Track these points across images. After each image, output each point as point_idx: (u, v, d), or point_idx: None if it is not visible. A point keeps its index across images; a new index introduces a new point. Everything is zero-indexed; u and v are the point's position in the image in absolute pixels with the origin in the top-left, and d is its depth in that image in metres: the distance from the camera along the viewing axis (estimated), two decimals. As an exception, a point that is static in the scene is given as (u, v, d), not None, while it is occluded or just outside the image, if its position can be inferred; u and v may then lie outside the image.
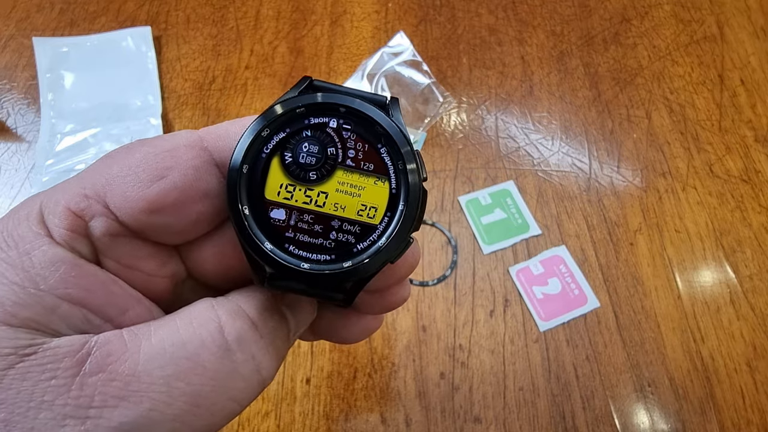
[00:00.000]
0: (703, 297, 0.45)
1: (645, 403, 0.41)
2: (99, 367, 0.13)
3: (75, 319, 0.14)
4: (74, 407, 0.13)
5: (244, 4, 0.62)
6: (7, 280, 0.14)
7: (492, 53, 0.58)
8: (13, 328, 0.13)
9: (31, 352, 0.13)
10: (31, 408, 0.13)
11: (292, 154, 0.16)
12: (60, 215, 0.15)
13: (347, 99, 0.16)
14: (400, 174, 0.16)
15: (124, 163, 0.15)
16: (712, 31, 0.60)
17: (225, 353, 0.15)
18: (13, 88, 0.56)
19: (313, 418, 0.40)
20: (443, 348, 0.42)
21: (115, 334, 0.14)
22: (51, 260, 0.14)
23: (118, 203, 0.15)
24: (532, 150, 0.52)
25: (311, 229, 0.16)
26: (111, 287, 0.15)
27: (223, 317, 0.16)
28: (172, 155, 0.15)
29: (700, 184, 0.50)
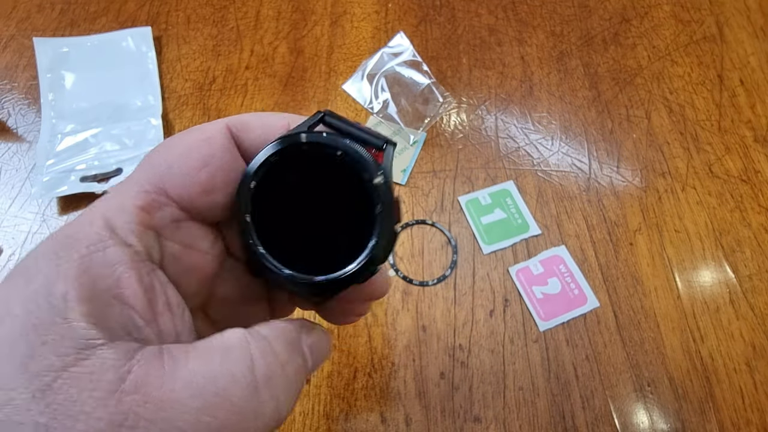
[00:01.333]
0: (703, 297, 0.45)
1: (644, 403, 0.41)
2: (136, 387, 0.14)
3: (124, 319, 0.15)
4: (108, 422, 0.13)
5: (244, 5, 0.62)
6: (71, 278, 0.15)
7: (492, 53, 0.58)
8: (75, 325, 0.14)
9: (85, 357, 0.14)
10: (70, 417, 0.13)
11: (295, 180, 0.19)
12: (131, 214, 0.16)
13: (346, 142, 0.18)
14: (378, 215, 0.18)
15: (170, 157, 0.18)
16: (711, 32, 0.60)
17: (253, 391, 0.16)
18: (13, 88, 0.56)
19: (313, 418, 0.40)
20: (443, 348, 0.42)
21: (156, 353, 0.15)
22: (110, 261, 0.15)
23: (177, 192, 0.17)
24: (532, 150, 0.53)
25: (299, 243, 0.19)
26: (151, 292, 0.16)
27: (255, 353, 0.16)
28: (210, 143, 0.18)
29: (699, 184, 0.50)
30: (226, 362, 0.16)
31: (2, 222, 0.48)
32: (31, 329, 0.14)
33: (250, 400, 0.15)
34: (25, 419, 0.13)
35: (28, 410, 0.13)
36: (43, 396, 0.13)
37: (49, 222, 0.48)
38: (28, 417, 0.13)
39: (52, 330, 0.14)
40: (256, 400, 0.16)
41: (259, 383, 0.16)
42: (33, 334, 0.14)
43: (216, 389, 0.15)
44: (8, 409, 0.13)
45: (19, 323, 0.14)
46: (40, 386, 0.13)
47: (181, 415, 0.14)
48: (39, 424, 0.13)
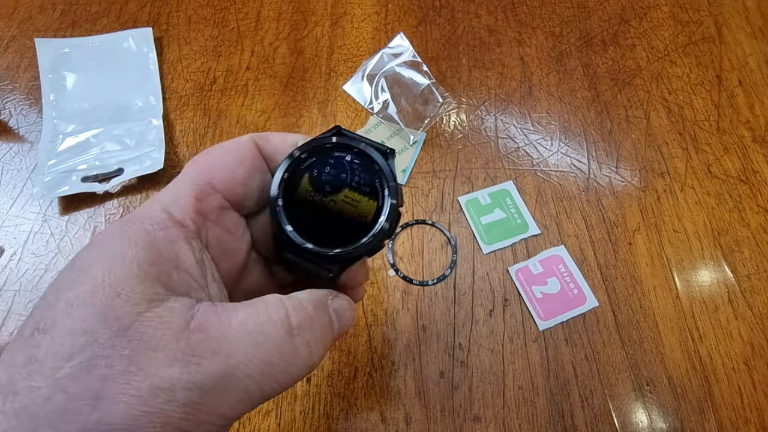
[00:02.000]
0: (702, 296, 0.45)
1: (643, 402, 0.41)
2: (200, 327, 0.18)
3: (184, 283, 0.19)
4: (182, 353, 0.17)
5: (244, 6, 0.62)
6: (140, 247, 0.18)
7: (491, 54, 0.59)
8: (146, 283, 0.17)
9: (156, 305, 0.17)
10: (150, 349, 0.16)
11: (318, 172, 0.23)
12: (186, 201, 0.20)
13: (361, 144, 0.23)
14: (385, 199, 0.23)
15: (213, 158, 0.22)
16: (710, 32, 0.61)
17: (289, 335, 0.20)
18: (15, 88, 0.56)
19: (313, 417, 0.40)
20: (443, 347, 0.43)
21: (211, 306, 0.19)
22: (171, 238, 0.19)
23: (221, 184, 0.22)
24: (532, 150, 0.53)
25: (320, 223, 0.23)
26: (203, 266, 0.20)
27: (289, 308, 0.20)
28: (243, 148, 0.23)
29: (698, 184, 0.51)
30: (267, 313, 0.19)
31: (4, 222, 0.48)
32: (108, 285, 0.17)
33: (288, 343, 0.19)
34: (110, 354, 0.16)
35: (112, 346, 0.16)
36: (125, 334, 0.16)
37: (50, 222, 0.48)
38: (113, 351, 0.16)
39: (126, 285, 0.17)
40: (291, 343, 0.19)
41: (293, 330, 0.20)
42: (109, 288, 0.17)
43: (262, 331, 0.19)
44: (94, 347, 0.16)
45: (98, 281, 0.17)
46: (120, 327, 0.16)
47: (236, 349, 0.18)
48: (123, 356, 0.16)
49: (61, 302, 0.16)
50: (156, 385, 0.16)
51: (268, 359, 0.18)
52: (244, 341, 0.18)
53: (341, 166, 0.23)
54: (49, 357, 0.15)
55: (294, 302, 0.21)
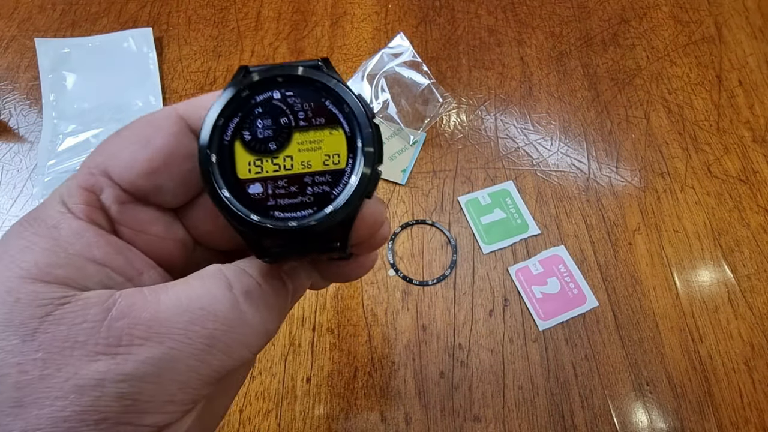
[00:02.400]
0: (702, 296, 0.45)
1: (643, 402, 0.41)
2: (123, 313, 0.16)
3: (101, 277, 0.17)
4: (105, 346, 0.15)
5: (244, 6, 0.62)
6: (39, 247, 0.16)
7: (491, 54, 0.59)
8: (49, 284, 0.16)
9: (65, 301, 0.16)
10: (66, 347, 0.15)
11: (250, 133, 0.18)
12: (75, 194, 0.17)
13: (282, 69, 0.18)
14: (349, 117, 0.18)
15: (116, 140, 0.18)
16: (710, 32, 0.61)
17: (234, 305, 0.18)
18: (15, 89, 0.56)
19: (313, 417, 0.40)
20: (443, 347, 0.43)
21: (137, 290, 0.17)
22: (76, 230, 0.17)
23: (119, 173, 0.18)
24: (532, 150, 0.53)
25: (288, 192, 0.18)
26: (128, 252, 0.18)
27: (230, 277, 0.18)
28: (153, 126, 0.18)
29: (698, 184, 0.51)
30: (205, 286, 0.17)
31: (3, 222, 0.48)
32: (5, 291, 0.15)
33: (233, 312, 0.17)
34: (21, 360, 0.14)
35: (21, 352, 0.15)
36: (33, 338, 0.15)
37: (50, 222, 0.48)
38: (23, 357, 0.14)
39: (24, 289, 0.15)
40: (238, 311, 0.17)
41: (239, 299, 0.18)
42: (6, 295, 0.15)
43: (200, 305, 0.17)
44: (1, 356, 0.14)
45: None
46: (27, 331, 0.15)
47: (171, 329, 0.16)
48: (36, 359, 0.15)
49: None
50: (80, 383, 0.15)
51: (210, 333, 0.17)
52: (179, 319, 0.16)
53: (273, 109, 0.18)
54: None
55: (235, 270, 0.18)
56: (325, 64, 0.18)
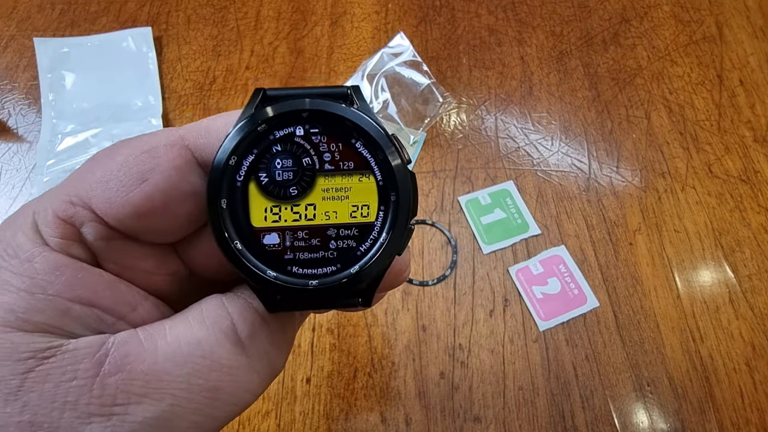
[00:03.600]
0: (702, 297, 0.45)
1: (644, 403, 0.41)
2: (118, 367, 0.14)
3: (88, 319, 0.15)
4: (98, 406, 0.13)
5: (244, 5, 0.62)
6: (14, 287, 0.14)
7: (492, 54, 0.59)
8: (29, 333, 0.13)
9: (49, 354, 0.13)
10: (55, 408, 0.13)
11: (267, 175, 0.15)
12: (50, 224, 0.15)
13: (306, 102, 0.15)
14: (383, 164, 0.16)
15: (105, 167, 0.15)
16: (711, 32, 0.61)
17: (239, 350, 0.15)
18: (14, 88, 0.56)
19: (313, 418, 0.40)
20: (443, 347, 0.43)
21: (131, 333, 0.15)
22: (54, 265, 0.14)
23: (104, 209, 0.15)
24: (532, 150, 0.53)
25: (309, 245, 0.16)
26: (117, 286, 0.15)
27: (234, 315, 0.16)
28: (152, 156, 0.15)
29: (699, 184, 0.51)
30: (207, 325, 0.15)
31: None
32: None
33: (238, 358, 0.15)
34: (4, 421, 0.13)
35: (4, 413, 0.13)
36: (16, 398, 0.13)
37: (49, 222, 0.48)
38: (8, 419, 0.13)
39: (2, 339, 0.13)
40: (243, 357, 0.15)
41: (243, 340, 0.15)
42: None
43: (203, 352, 0.15)
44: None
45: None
46: (8, 391, 0.13)
47: (171, 383, 0.14)
48: (22, 422, 0.13)
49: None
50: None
51: (215, 385, 0.15)
52: (179, 372, 0.14)
53: (295, 148, 0.15)
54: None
55: (240, 304, 0.16)
56: (355, 93, 0.16)
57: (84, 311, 0.14)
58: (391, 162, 0.15)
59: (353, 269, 0.16)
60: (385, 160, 0.15)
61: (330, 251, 0.16)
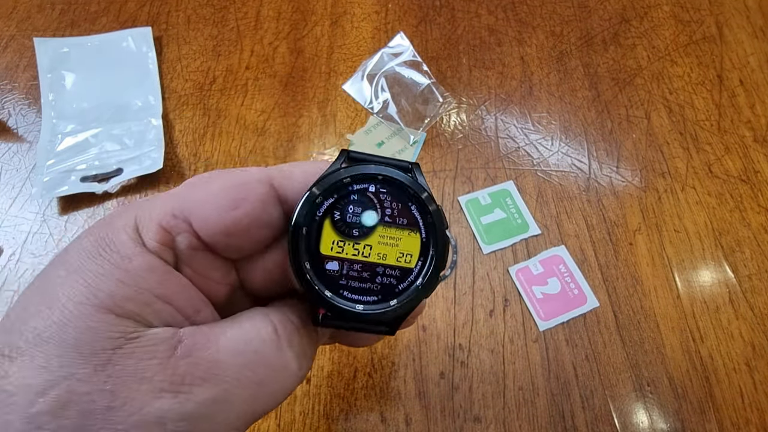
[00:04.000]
0: (702, 297, 0.45)
1: (644, 403, 0.41)
2: (188, 352, 0.16)
3: (164, 314, 0.17)
4: (169, 383, 0.16)
5: (244, 5, 0.62)
6: (114, 278, 0.16)
7: (492, 54, 0.59)
8: (120, 317, 0.16)
9: (135, 336, 0.16)
10: (134, 381, 0.15)
11: (341, 215, 0.20)
12: (153, 230, 0.18)
13: (383, 169, 0.20)
14: (429, 226, 0.20)
15: (205, 190, 0.19)
16: (711, 32, 0.61)
17: (280, 350, 0.18)
18: (14, 88, 0.56)
19: (313, 418, 0.40)
20: (443, 347, 0.43)
21: (197, 329, 0.17)
22: (149, 265, 0.17)
23: (200, 225, 0.18)
24: (532, 150, 0.53)
25: (360, 276, 0.20)
26: (190, 291, 0.19)
27: (276, 322, 0.19)
28: (246, 189, 0.19)
29: (699, 184, 0.51)
30: (256, 328, 0.18)
31: (2, 222, 0.48)
32: (79, 317, 0.15)
33: (279, 358, 0.18)
34: (90, 389, 0.15)
35: (91, 381, 0.15)
36: (104, 368, 0.15)
37: (49, 222, 0.48)
38: (92, 387, 0.15)
39: (98, 318, 0.16)
40: (282, 357, 0.18)
41: (282, 344, 0.19)
42: (81, 321, 0.15)
43: (254, 349, 0.18)
44: (71, 382, 0.15)
45: (67, 312, 0.15)
46: (99, 362, 0.15)
47: (227, 371, 0.17)
48: (105, 391, 0.15)
49: (28, 329, 0.15)
50: (144, 419, 0.15)
51: (260, 379, 0.17)
52: (234, 362, 0.17)
53: (367, 200, 0.20)
54: (21, 390, 0.14)
55: (280, 316, 0.19)
56: (416, 168, 0.20)
57: (163, 307, 0.17)
58: (435, 225, 0.20)
59: (392, 302, 0.20)
60: (432, 223, 0.20)
61: (375, 284, 0.20)
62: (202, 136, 0.53)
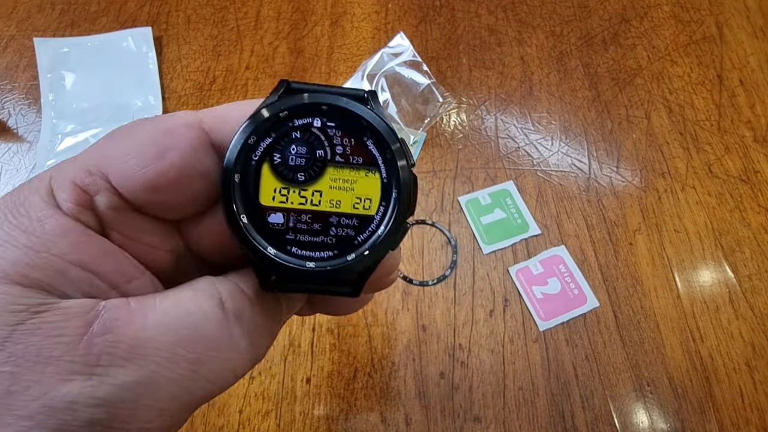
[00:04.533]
0: (702, 297, 0.45)
1: (644, 403, 0.41)
2: (106, 329, 0.14)
3: (83, 284, 0.15)
4: (81, 364, 0.14)
5: (244, 5, 0.62)
6: (20, 244, 0.14)
7: (492, 54, 0.59)
8: (26, 288, 0.14)
9: (42, 310, 0.14)
10: (39, 362, 0.13)
11: (282, 158, 0.16)
12: (67, 189, 0.15)
13: (328, 97, 0.16)
14: (389, 163, 0.17)
15: (125, 141, 0.16)
16: (711, 32, 0.61)
17: (224, 326, 0.16)
18: (14, 88, 0.56)
19: (313, 418, 0.40)
20: (443, 347, 0.43)
21: (122, 301, 0.15)
22: (62, 228, 0.15)
23: (120, 181, 0.16)
24: (532, 150, 0.53)
25: (311, 229, 0.17)
26: (117, 256, 0.16)
27: (223, 293, 0.16)
28: (171, 134, 0.16)
29: (699, 184, 0.51)
30: (196, 301, 0.16)
31: (3, 222, 0.48)
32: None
33: (223, 335, 0.16)
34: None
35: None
36: (2, 348, 0.13)
37: (49, 222, 0.48)
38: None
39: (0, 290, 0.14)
40: (228, 334, 0.16)
41: (229, 319, 0.16)
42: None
43: (189, 324, 0.15)
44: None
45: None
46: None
47: (155, 350, 0.15)
48: (3, 372, 0.13)
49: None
50: (50, 404, 0.13)
51: (198, 357, 0.15)
52: (165, 339, 0.15)
53: (311, 138, 0.17)
54: None
55: (229, 286, 0.17)
56: (372, 97, 0.17)
57: (81, 275, 0.15)
58: (396, 162, 0.17)
59: (349, 257, 0.17)
60: (392, 159, 0.17)
61: (329, 237, 0.17)
62: (202, 136, 0.53)
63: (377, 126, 0.16)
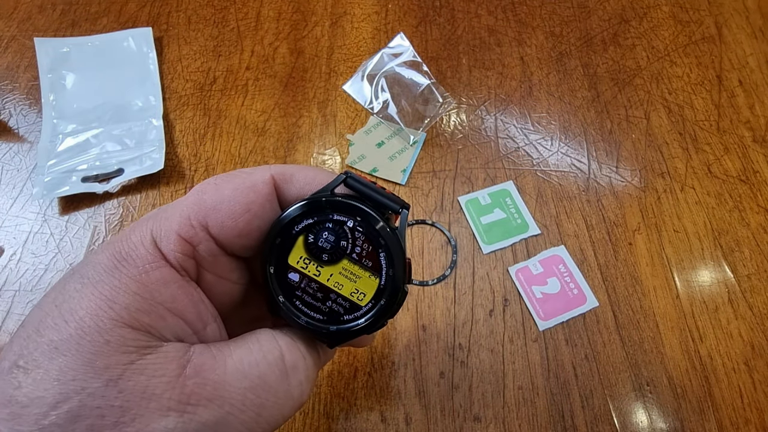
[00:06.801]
0: (702, 296, 0.45)
1: (644, 402, 0.41)
2: (196, 372, 0.17)
3: (176, 328, 0.18)
4: (177, 402, 0.16)
5: (244, 6, 0.62)
6: (131, 291, 0.17)
7: (491, 54, 0.59)
8: (136, 330, 0.16)
9: (148, 352, 0.16)
10: (144, 398, 0.16)
11: (315, 238, 0.21)
12: (173, 241, 0.18)
13: (362, 211, 0.21)
14: (389, 278, 0.21)
15: (217, 196, 0.19)
16: (710, 32, 0.61)
17: (284, 376, 0.19)
18: (14, 88, 0.56)
19: (313, 417, 0.40)
20: (443, 347, 0.43)
21: (206, 347, 0.18)
22: (164, 279, 0.18)
23: (217, 231, 0.19)
24: (532, 150, 0.53)
25: (314, 295, 0.21)
26: (200, 305, 0.19)
27: (283, 347, 0.20)
28: (254, 191, 0.20)
29: (698, 184, 0.51)
30: (263, 352, 0.19)
31: (3, 222, 0.48)
32: (95, 331, 0.16)
33: (283, 383, 0.19)
34: (101, 404, 0.15)
35: (102, 396, 0.15)
36: (116, 384, 0.15)
37: (50, 222, 0.48)
38: (103, 401, 0.15)
39: (115, 332, 0.16)
40: (286, 383, 0.19)
41: (288, 370, 0.19)
42: (97, 335, 0.16)
43: (258, 373, 0.18)
44: (82, 396, 0.15)
45: (85, 325, 0.16)
46: (111, 377, 0.15)
47: (232, 393, 0.17)
48: (114, 407, 0.15)
49: (44, 341, 0.15)
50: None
51: (263, 402, 0.18)
52: (240, 385, 0.17)
53: (342, 232, 0.21)
54: (34, 402, 0.14)
55: (287, 340, 0.20)
56: (403, 214, 0.21)
57: (175, 321, 0.18)
58: (395, 278, 0.21)
59: (332, 327, 0.21)
60: (393, 276, 0.21)
61: (325, 306, 0.21)
62: (203, 137, 0.53)
63: (392, 247, 0.21)
